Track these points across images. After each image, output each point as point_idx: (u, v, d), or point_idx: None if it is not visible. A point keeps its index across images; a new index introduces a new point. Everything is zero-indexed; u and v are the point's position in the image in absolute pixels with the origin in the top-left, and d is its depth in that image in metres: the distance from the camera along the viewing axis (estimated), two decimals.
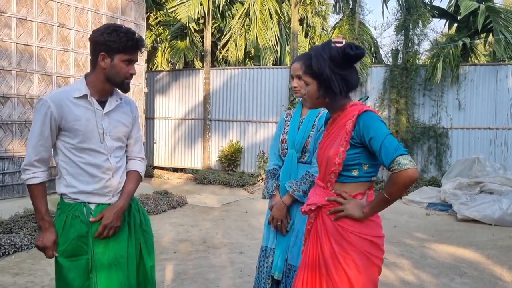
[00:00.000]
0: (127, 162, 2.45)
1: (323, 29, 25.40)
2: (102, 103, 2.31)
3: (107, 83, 2.28)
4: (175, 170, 12.84)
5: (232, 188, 10.38)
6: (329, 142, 2.09)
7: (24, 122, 6.69)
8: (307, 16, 17.84)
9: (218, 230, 6.59)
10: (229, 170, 11.39)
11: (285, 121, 3.09)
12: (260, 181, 10.55)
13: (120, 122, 2.36)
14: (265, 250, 3.01)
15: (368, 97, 2.16)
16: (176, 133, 12.41)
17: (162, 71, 12.92)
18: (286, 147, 2.97)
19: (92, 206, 2.28)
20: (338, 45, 2.01)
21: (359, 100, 2.16)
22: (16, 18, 6.58)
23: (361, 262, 2.01)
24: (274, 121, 11.24)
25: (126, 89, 2.32)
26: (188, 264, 4.97)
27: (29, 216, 6.02)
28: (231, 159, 11.36)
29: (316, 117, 2.90)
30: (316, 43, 24.18)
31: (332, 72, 2.00)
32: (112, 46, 2.18)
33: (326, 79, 2.01)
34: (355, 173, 2.03)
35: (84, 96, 2.26)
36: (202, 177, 10.94)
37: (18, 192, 6.63)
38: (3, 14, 6.39)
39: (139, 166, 2.47)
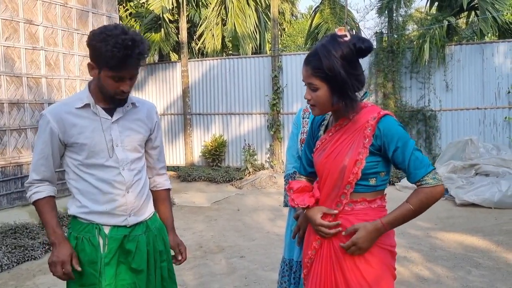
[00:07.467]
0: (151, 177, 2.22)
1: (292, 15, 25.02)
2: (111, 111, 2.00)
3: None
4: None
5: (219, 184, 10.02)
6: (341, 149, 1.82)
7: None
8: None
9: (213, 232, 6.24)
10: (214, 166, 11.00)
11: (303, 118, 2.75)
12: (248, 175, 10.19)
13: (133, 130, 2.05)
14: (289, 264, 2.70)
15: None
16: None
17: None
18: None
19: (106, 229, 1.99)
20: (345, 39, 1.76)
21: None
22: None
23: (387, 277, 1.84)
24: (258, 112, 10.86)
25: (118, 104, 1.99)
26: (188, 274, 4.62)
27: (7, 231, 5.52)
28: (215, 153, 10.96)
29: None
30: (286, 30, 23.75)
31: (346, 72, 1.74)
32: (97, 57, 1.85)
33: (341, 81, 1.75)
34: (372, 182, 1.82)
35: (87, 105, 1.97)
36: (186, 174, 10.53)
37: None
38: None
39: (167, 182, 2.28)
